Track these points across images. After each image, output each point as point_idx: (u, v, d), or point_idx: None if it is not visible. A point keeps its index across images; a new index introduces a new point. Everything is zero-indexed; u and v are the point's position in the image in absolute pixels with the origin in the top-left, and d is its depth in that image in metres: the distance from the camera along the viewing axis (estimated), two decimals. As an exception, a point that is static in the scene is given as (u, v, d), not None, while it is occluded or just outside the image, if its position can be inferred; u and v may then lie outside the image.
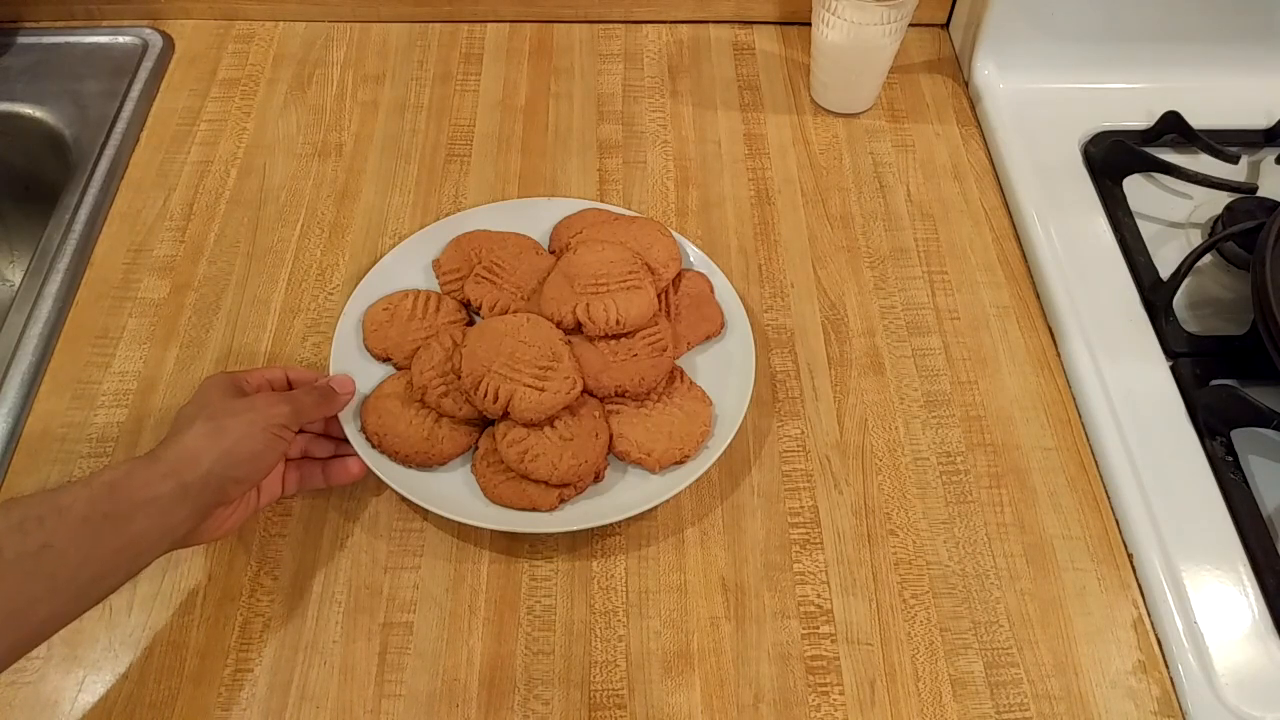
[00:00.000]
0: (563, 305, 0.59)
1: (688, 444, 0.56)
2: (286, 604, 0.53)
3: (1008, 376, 0.63)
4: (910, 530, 0.57)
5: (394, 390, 0.58)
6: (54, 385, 0.61)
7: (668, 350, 0.59)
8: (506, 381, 0.55)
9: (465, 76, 0.79)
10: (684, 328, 0.61)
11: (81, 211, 0.69)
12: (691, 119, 0.77)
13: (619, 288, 0.59)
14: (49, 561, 0.41)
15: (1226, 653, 0.52)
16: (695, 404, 0.58)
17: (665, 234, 0.64)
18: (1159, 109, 0.74)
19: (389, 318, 0.61)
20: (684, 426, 0.57)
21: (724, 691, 0.51)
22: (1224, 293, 0.68)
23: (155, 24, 0.82)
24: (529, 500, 0.54)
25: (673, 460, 0.56)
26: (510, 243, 0.65)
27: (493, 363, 0.55)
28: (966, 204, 0.73)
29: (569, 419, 0.56)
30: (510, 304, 0.61)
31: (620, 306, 0.58)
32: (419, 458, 0.55)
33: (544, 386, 0.55)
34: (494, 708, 0.50)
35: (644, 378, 0.57)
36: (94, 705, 0.50)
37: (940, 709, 0.51)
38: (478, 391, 0.55)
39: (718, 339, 0.62)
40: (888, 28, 0.71)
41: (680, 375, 0.60)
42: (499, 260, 0.63)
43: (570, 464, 0.54)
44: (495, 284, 0.62)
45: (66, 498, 0.42)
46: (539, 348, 0.57)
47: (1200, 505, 0.57)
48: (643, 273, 0.60)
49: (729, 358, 0.61)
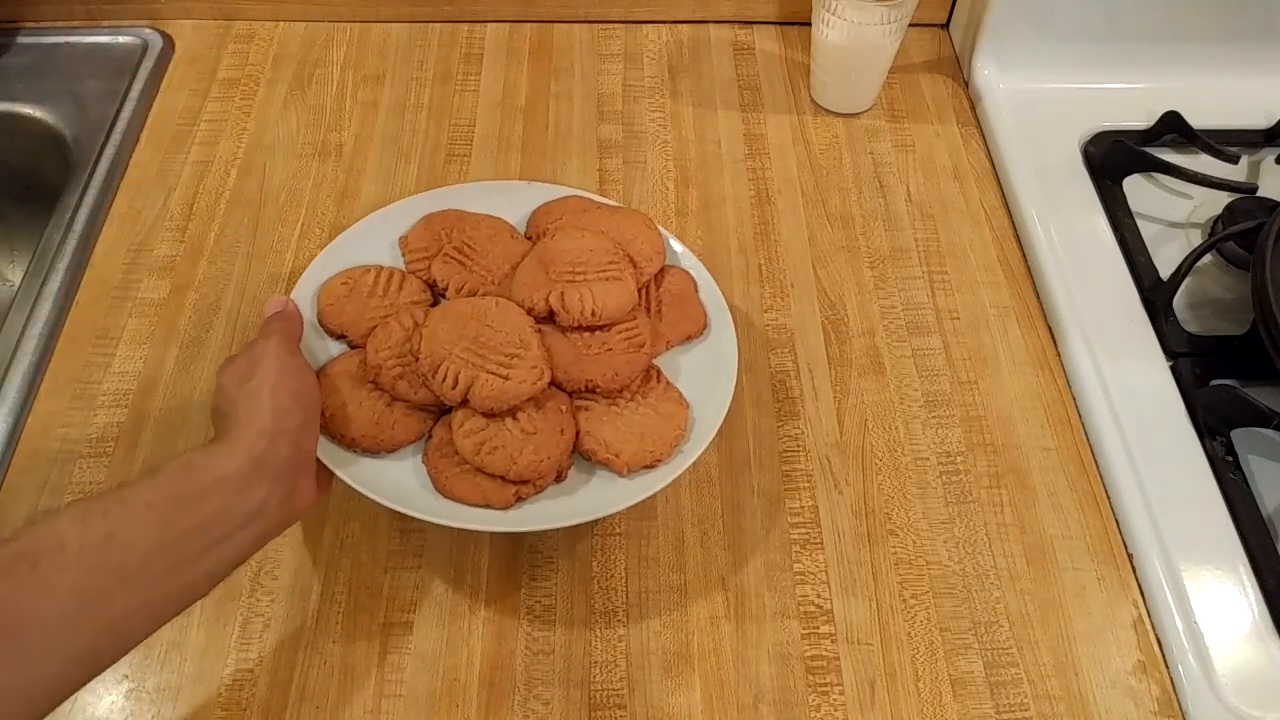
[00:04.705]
0: (536, 291, 0.55)
1: (660, 447, 0.52)
2: (286, 604, 0.53)
3: (1008, 376, 0.63)
4: (910, 530, 0.57)
5: (345, 369, 0.54)
6: (54, 385, 0.61)
7: (645, 347, 0.55)
8: (468, 367, 0.51)
9: (465, 76, 0.79)
10: (665, 325, 0.58)
11: (81, 211, 0.69)
12: (691, 119, 0.77)
13: (597, 277, 0.56)
14: (116, 551, 0.39)
15: (1226, 653, 0.52)
16: (671, 405, 0.55)
17: (650, 227, 0.61)
18: (1159, 109, 0.74)
19: (347, 293, 0.56)
20: (657, 428, 0.53)
21: (724, 691, 0.51)
22: (1224, 293, 0.68)
23: (155, 24, 0.82)
24: (482, 496, 0.50)
25: (642, 463, 0.52)
26: (485, 225, 0.60)
27: (455, 346, 0.51)
28: (966, 204, 0.73)
29: (533, 412, 0.52)
30: (479, 287, 0.57)
31: (597, 297, 0.55)
32: (367, 442, 0.51)
33: (508, 375, 0.51)
34: (494, 708, 0.51)
35: (617, 373, 0.54)
36: (94, 705, 0.50)
37: (940, 709, 0.51)
38: (436, 375, 0.51)
39: (701, 340, 0.59)
40: (888, 28, 0.71)
41: (657, 375, 0.56)
42: (471, 241, 0.59)
43: (530, 459, 0.50)
44: (464, 265, 0.58)
45: (131, 487, 0.41)
46: (506, 333, 0.53)
47: (1200, 505, 0.57)
48: (624, 264, 0.57)
49: (714, 361, 0.57)
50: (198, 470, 0.42)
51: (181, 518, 0.41)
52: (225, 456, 0.43)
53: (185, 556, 0.41)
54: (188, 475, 0.42)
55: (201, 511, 0.41)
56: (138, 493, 0.41)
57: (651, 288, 0.60)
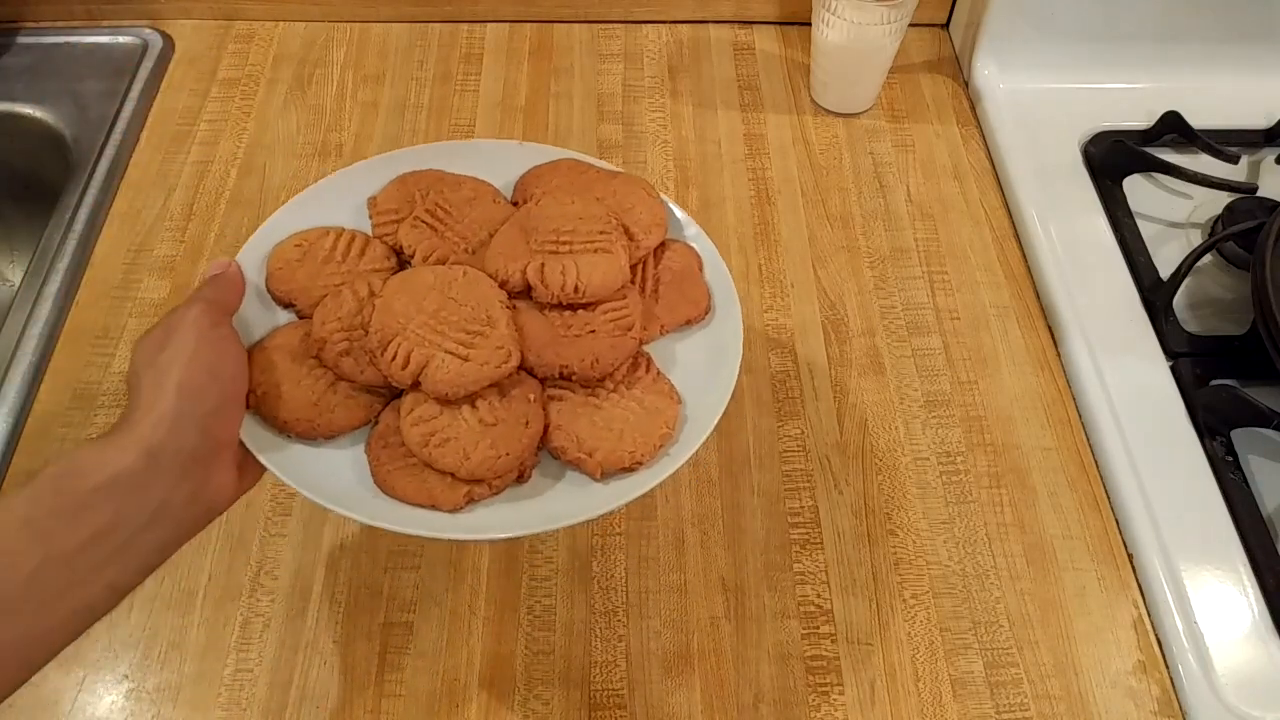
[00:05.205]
0: (512, 261, 0.49)
1: (640, 447, 0.45)
2: (286, 604, 0.53)
3: (1008, 376, 0.63)
4: (910, 530, 0.57)
5: (285, 342, 0.47)
6: (54, 385, 0.61)
7: (633, 330, 0.48)
8: (423, 344, 0.44)
9: (465, 76, 0.79)
10: (661, 307, 0.51)
11: (81, 211, 0.69)
12: (691, 119, 0.77)
13: (584, 248, 0.49)
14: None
15: (1226, 653, 0.52)
16: (659, 399, 0.47)
17: (652, 195, 0.54)
18: (1159, 109, 0.74)
19: (300, 256, 0.50)
20: (640, 425, 0.46)
21: (724, 691, 0.51)
22: (1224, 293, 0.68)
23: (155, 24, 0.82)
24: (428, 495, 0.44)
25: (619, 465, 0.45)
26: (465, 187, 0.54)
27: (411, 320, 0.45)
28: (966, 204, 0.73)
29: (495, 400, 0.45)
30: (450, 256, 0.51)
31: (582, 270, 0.48)
32: (301, 426, 0.45)
33: (468, 355, 0.44)
34: (494, 708, 0.51)
35: (598, 359, 0.47)
36: (94, 705, 0.50)
37: (940, 709, 0.51)
38: (385, 352, 0.44)
39: (702, 326, 0.52)
40: (888, 28, 0.71)
41: (647, 364, 0.49)
42: (446, 204, 0.52)
43: (486, 455, 0.43)
44: (436, 231, 0.51)
45: (2, 503, 0.36)
46: (471, 308, 0.46)
47: (1200, 505, 0.57)
48: (616, 235, 0.50)
49: (715, 351, 0.50)
50: (81, 473, 0.36)
51: (66, 533, 0.35)
52: (115, 452, 0.37)
53: (77, 576, 0.36)
54: (70, 481, 0.36)
55: (89, 523, 0.36)
56: (10, 508, 0.35)
57: (649, 263, 0.53)
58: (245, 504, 0.56)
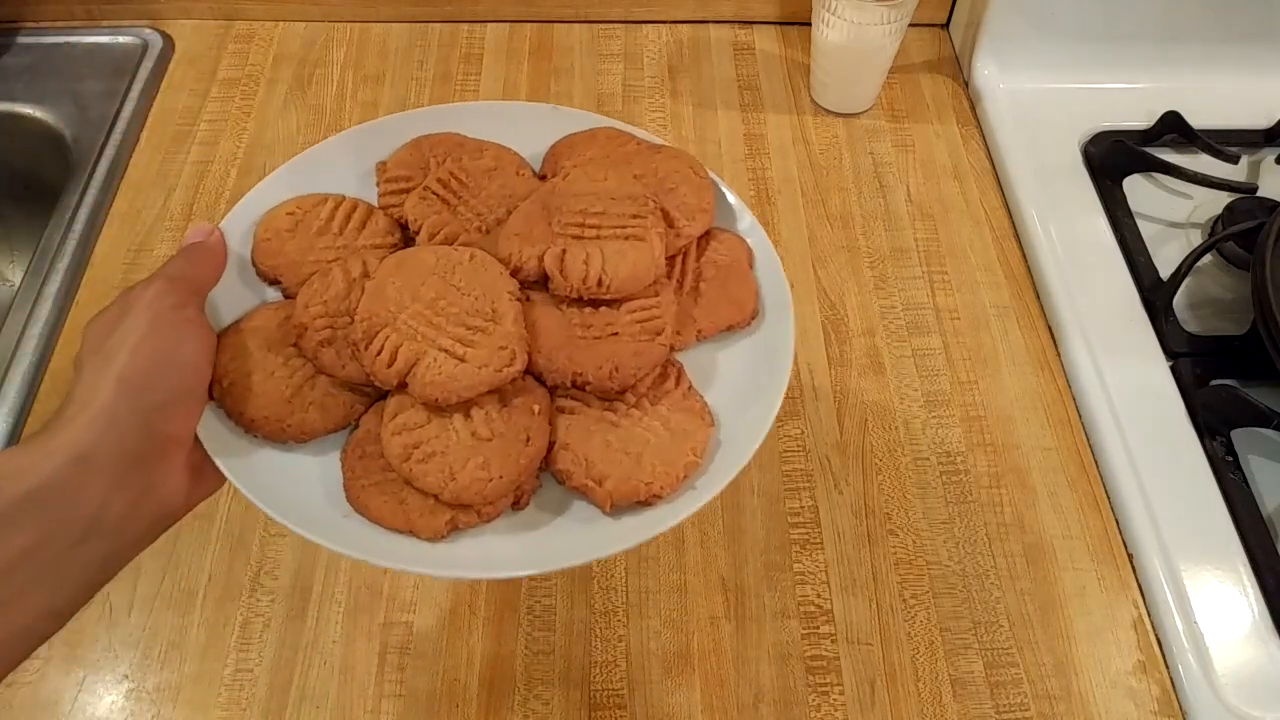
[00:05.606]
0: (528, 245, 0.42)
1: (660, 477, 0.38)
2: (286, 604, 0.53)
3: (1008, 376, 0.63)
4: (910, 530, 0.57)
5: (262, 325, 0.41)
6: (54, 385, 0.61)
7: (663, 335, 0.41)
8: (414, 338, 0.38)
9: (465, 76, 0.79)
10: (700, 309, 0.43)
11: (81, 211, 0.69)
12: (691, 119, 0.77)
13: (614, 234, 0.42)
14: None
15: (1226, 653, 0.52)
16: (688, 420, 0.40)
17: (700, 174, 0.46)
18: (1159, 109, 0.74)
19: (292, 225, 0.43)
20: (662, 450, 0.39)
21: (724, 691, 0.51)
22: (1224, 293, 0.68)
23: (155, 24, 0.82)
24: (404, 519, 0.37)
25: (633, 497, 0.38)
26: (487, 155, 0.47)
27: (404, 308, 0.39)
28: (966, 204, 0.73)
29: (493, 410, 0.39)
30: (460, 234, 0.44)
31: (608, 260, 0.41)
32: (269, 426, 0.39)
33: (465, 355, 0.38)
34: (494, 708, 0.51)
35: (618, 367, 0.40)
36: (94, 705, 0.50)
37: (940, 709, 0.51)
38: (370, 346, 0.38)
39: (748, 333, 0.44)
40: (888, 28, 0.71)
41: (677, 376, 0.42)
42: (463, 173, 0.45)
43: (475, 476, 0.37)
44: (448, 204, 0.45)
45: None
46: (475, 298, 0.40)
47: (1200, 505, 0.57)
48: (653, 220, 0.42)
49: (760, 362, 0.43)
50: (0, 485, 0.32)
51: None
52: (39, 458, 0.32)
53: (12, 593, 0.31)
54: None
55: (11, 545, 0.31)
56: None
57: (690, 256, 0.45)
58: (246, 503, 0.56)
